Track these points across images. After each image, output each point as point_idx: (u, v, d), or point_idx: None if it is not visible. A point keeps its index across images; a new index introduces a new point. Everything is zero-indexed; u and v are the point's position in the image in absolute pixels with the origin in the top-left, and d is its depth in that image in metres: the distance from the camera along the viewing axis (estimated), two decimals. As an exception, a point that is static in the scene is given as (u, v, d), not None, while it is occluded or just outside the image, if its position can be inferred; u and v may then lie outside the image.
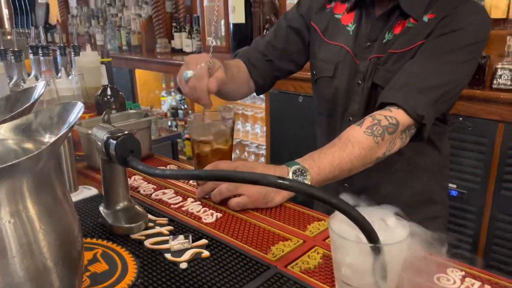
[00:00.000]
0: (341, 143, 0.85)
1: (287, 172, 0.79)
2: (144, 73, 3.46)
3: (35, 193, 0.46)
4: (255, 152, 3.02)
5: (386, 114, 0.86)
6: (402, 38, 0.95)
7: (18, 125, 0.56)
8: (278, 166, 0.81)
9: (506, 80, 1.69)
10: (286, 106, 2.47)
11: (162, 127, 1.92)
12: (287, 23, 1.12)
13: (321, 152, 0.85)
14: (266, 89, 1.17)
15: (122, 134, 0.67)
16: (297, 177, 0.79)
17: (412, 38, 0.93)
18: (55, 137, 0.48)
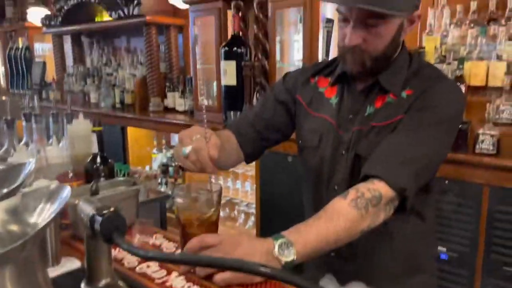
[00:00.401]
0: (327, 216, 0.86)
1: (273, 246, 0.80)
2: (136, 130, 3.50)
3: (17, 282, 0.46)
4: (244, 211, 3.00)
5: (369, 186, 0.88)
6: (382, 112, 0.99)
7: (4, 206, 0.57)
8: (264, 239, 0.82)
9: (488, 145, 1.74)
10: (276, 165, 2.49)
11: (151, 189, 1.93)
12: (274, 96, 1.17)
13: (307, 225, 0.85)
14: (255, 157, 1.20)
15: (108, 211, 0.68)
16: (283, 251, 0.79)
17: (392, 113, 0.98)
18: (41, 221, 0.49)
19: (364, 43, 0.95)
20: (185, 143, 0.89)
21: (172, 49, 3.45)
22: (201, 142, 0.88)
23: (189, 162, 0.88)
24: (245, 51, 2.63)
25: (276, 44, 2.56)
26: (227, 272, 0.78)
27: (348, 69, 1.01)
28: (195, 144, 0.88)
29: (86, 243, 0.74)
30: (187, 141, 0.89)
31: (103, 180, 1.08)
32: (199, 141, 0.88)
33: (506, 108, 1.79)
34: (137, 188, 1.03)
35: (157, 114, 3.32)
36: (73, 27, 4.04)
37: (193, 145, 0.87)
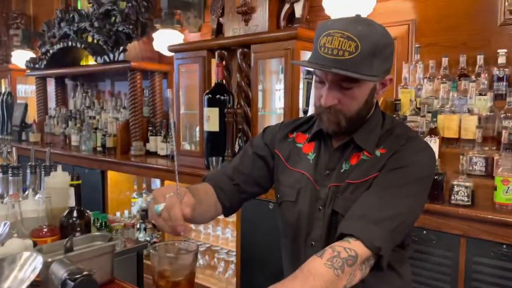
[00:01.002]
0: (303, 276, 0.86)
1: None
2: (116, 174, 3.46)
3: None
4: (224, 259, 2.94)
5: (345, 245, 0.89)
6: (358, 169, 1.02)
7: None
8: None
9: (463, 196, 1.78)
10: (257, 212, 2.48)
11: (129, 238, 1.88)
12: (253, 150, 1.20)
13: (283, 285, 0.85)
14: (233, 211, 1.20)
15: (81, 275, 0.67)
16: None
17: (367, 170, 1.01)
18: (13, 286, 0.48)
19: (339, 104, 0.99)
20: (158, 200, 0.90)
21: (156, 94, 3.50)
22: (173, 200, 0.88)
23: (162, 220, 0.88)
24: (228, 98, 2.69)
25: (258, 92, 2.62)
26: None
27: (324, 127, 1.05)
28: (168, 201, 0.88)
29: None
30: (160, 199, 0.89)
31: (79, 235, 1.06)
32: (172, 198, 0.89)
33: (479, 160, 1.85)
34: (113, 244, 1.01)
35: (139, 158, 3.30)
36: (57, 70, 4.07)
37: (166, 202, 0.87)
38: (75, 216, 1.12)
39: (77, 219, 1.11)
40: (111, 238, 1.04)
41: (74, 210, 1.12)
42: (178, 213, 0.87)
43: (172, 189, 0.91)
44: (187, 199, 0.91)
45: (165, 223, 0.88)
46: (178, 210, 0.87)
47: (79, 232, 1.09)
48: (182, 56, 2.95)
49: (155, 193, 0.93)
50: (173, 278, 0.85)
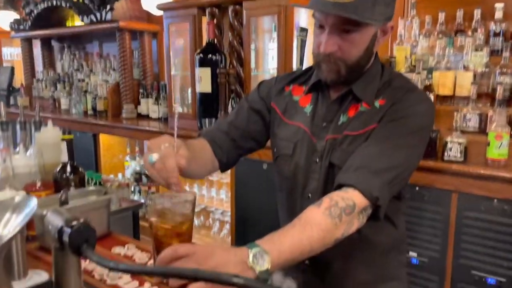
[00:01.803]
0: (301, 225, 0.86)
1: (247, 255, 0.79)
2: (108, 138, 3.43)
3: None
4: (219, 219, 2.98)
5: (343, 195, 0.89)
6: (356, 121, 1.01)
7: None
8: (238, 248, 0.81)
9: (456, 152, 1.79)
10: (251, 172, 2.49)
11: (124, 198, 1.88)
12: (248, 105, 1.18)
13: (281, 234, 0.85)
14: (230, 166, 1.19)
15: (77, 222, 0.66)
16: (257, 261, 0.79)
17: (365, 122, 1.00)
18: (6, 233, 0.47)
19: (339, 51, 0.96)
20: (153, 150, 0.88)
21: (146, 55, 3.42)
22: (169, 150, 0.87)
23: (155, 171, 0.87)
24: (220, 58, 2.63)
25: (251, 52, 2.57)
26: (200, 282, 0.77)
27: (323, 77, 1.03)
28: (163, 152, 0.86)
29: (54, 256, 0.71)
30: (155, 149, 0.88)
31: (73, 190, 1.05)
32: (168, 149, 0.87)
33: (473, 117, 1.85)
34: (109, 198, 1.00)
35: (130, 121, 3.26)
36: (43, 32, 3.94)
37: (161, 153, 0.86)
38: (68, 171, 1.10)
39: (71, 174, 1.10)
40: (106, 192, 1.03)
41: (67, 165, 1.11)
42: (172, 164, 0.85)
43: (168, 139, 0.89)
44: (183, 152, 0.90)
45: (159, 173, 0.86)
46: (173, 160, 0.86)
47: (73, 187, 1.08)
48: (172, 15, 2.86)
49: (150, 143, 0.91)
50: (171, 228, 0.85)
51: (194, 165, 1.04)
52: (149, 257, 0.96)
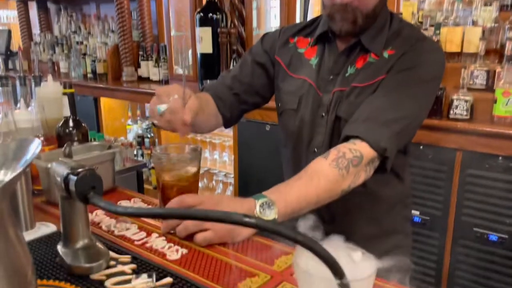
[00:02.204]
0: (307, 176, 0.86)
1: (254, 205, 0.79)
2: (109, 101, 3.40)
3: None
4: (223, 181, 3.00)
5: (350, 147, 0.88)
6: (364, 72, 0.98)
7: (-31, 163, 0.53)
8: (245, 199, 0.81)
9: (462, 110, 1.77)
10: (254, 134, 2.48)
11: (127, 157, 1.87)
12: (252, 58, 1.15)
13: (288, 185, 0.85)
14: (234, 122, 1.18)
15: (83, 169, 0.65)
16: (264, 211, 0.79)
17: (373, 73, 0.97)
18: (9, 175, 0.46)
19: (356, 0, 0.92)
20: (162, 99, 0.86)
21: (145, 16, 3.33)
22: (178, 103, 0.85)
23: (163, 121, 0.85)
24: (221, 17, 2.56)
25: (253, 10, 2.50)
26: (208, 232, 0.78)
27: (336, 28, 0.99)
28: (172, 104, 0.85)
29: (61, 205, 0.71)
30: (165, 99, 0.86)
31: (77, 145, 1.04)
32: (176, 101, 0.85)
33: (480, 74, 1.81)
34: (113, 152, 1.00)
35: (131, 84, 3.22)
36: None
37: (169, 104, 0.84)
38: (71, 126, 1.09)
39: (74, 129, 1.09)
40: (110, 147, 1.02)
41: (69, 119, 1.09)
42: (179, 118, 0.84)
43: (177, 89, 0.87)
44: (192, 103, 0.87)
45: (167, 124, 0.85)
46: (181, 115, 0.84)
47: (77, 143, 1.07)
48: (171, -28, 2.76)
49: (159, 91, 0.89)
50: (177, 180, 0.84)
51: (201, 118, 1.03)
52: (155, 210, 0.96)
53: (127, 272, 0.70)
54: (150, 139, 3.33)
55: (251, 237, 0.83)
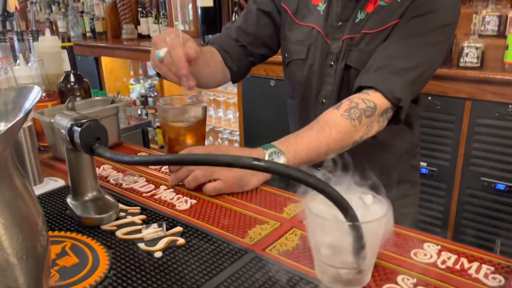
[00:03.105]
0: (319, 126, 0.84)
1: (263, 154, 0.78)
2: (110, 60, 3.35)
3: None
4: (228, 138, 2.99)
5: (363, 97, 0.85)
6: (374, 17, 0.94)
7: (-30, 113, 0.52)
8: (254, 149, 0.80)
9: (472, 58, 1.72)
10: (258, 90, 2.44)
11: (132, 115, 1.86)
12: (257, 7, 1.10)
13: (298, 135, 0.83)
14: (241, 76, 1.14)
15: (87, 120, 0.64)
16: (273, 160, 0.78)
17: (385, 18, 0.92)
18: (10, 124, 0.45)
19: None
20: (159, 46, 0.83)
21: (142, -30, 3.21)
22: (176, 41, 0.81)
23: (164, 66, 0.82)
24: (222, -33, 2.46)
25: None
26: (218, 181, 0.77)
27: None
28: (170, 43, 0.81)
29: (67, 157, 0.70)
30: (161, 43, 0.82)
31: (79, 100, 1.03)
32: (174, 40, 0.81)
33: (492, 19, 1.75)
34: (117, 106, 0.98)
35: (131, 42, 3.16)
36: None
37: (167, 46, 0.81)
38: (72, 80, 1.07)
39: (75, 84, 1.07)
40: (113, 101, 1.00)
41: (70, 74, 1.07)
42: (180, 53, 0.79)
43: (173, 31, 0.83)
44: (191, 44, 0.84)
45: (168, 68, 0.82)
46: (180, 50, 0.79)
47: (79, 98, 1.05)
48: None
49: (154, 39, 0.85)
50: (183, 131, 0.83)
51: (205, 71, 1.00)
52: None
53: (137, 222, 0.70)
54: (153, 98, 3.31)
55: (259, 186, 0.82)
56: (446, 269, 0.57)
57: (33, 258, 0.47)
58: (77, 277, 0.57)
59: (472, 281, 0.54)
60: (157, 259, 0.60)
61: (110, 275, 0.57)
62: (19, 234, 0.45)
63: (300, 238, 0.65)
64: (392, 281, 0.55)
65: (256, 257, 0.60)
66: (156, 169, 0.92)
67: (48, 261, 0.50)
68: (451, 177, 1.86)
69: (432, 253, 0.60)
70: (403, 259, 0.59)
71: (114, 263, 0.60)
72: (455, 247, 0.62)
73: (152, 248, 0.63)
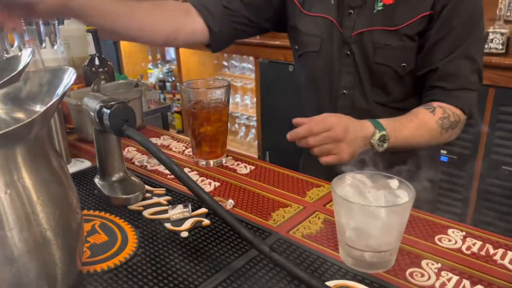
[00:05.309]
0: (418, 123, 0.87)
1: (373, 134, 0.80)
2: (129, 45, 3.37)
3: (30, 163, 0.44)
4: (245, 124, 3.00)
5: (454, 110, 0.89)
6: (400, 10, 0.89)
7: (6, 93, 0.53)
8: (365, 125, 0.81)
9: (497, 44, 1.68)
10: (276, 76, 2.44)
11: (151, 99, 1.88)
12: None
13: (402, 124, 0.85)
14: (223, 42, 1.03)
15: (116, 102, 0.65)
16: (380, 143, 0.81)
17: (411, 10, 0.89)
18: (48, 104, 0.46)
19: None
20: None
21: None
22: None
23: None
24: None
25: None
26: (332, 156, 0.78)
27: None
28: None
29: (95, 139, 0.72)
30: None
31: (104, 83, 1.04)
32: None
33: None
34: (141, 89, 0.99)
35: (150, 27, 3.16)
36: None
37: None
38: (97, 64, 1.08)
39: (100, 67, 1.08)
40: (137, 84, 1.01)
41: (95, 57, 1.08)
42: None
43: None
44: None
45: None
46: None
47: (104, 81, 1.07)
48: None
49: None
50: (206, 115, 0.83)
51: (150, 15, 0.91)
52: (185, 147, 0.97)
53: (163, 203, 0.72)
54: (171, 83, 3.32)
55: (282, 171, 0.83)
56: (471, 254, 0.57)
57: (69, 234, 0.48)
58: (107, 254, 0.59)
59: (497, 267, 0.54)
60: (184, 239, 0.62)
61: (139, 253, 0.59)
62: (56, 211, 0.46)
63: (324, 222, 0.66)
64: (416, 265, 0.55)
65: (280, 238, 0.61)
66: (180, 151, 0.94)
67: (82, 237, 0.52)
68: (471, 165, 1.83)
69: (456, 239, 0.60)
70: (427, 244, 0.59)
71: (142, 242, 0.61)
72: (480, 233, 0.62)
73: (178, 228, 0.64)
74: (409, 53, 0.91)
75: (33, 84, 0.53)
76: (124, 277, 0.54)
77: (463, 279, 0.52)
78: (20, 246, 0.44)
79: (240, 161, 0.90)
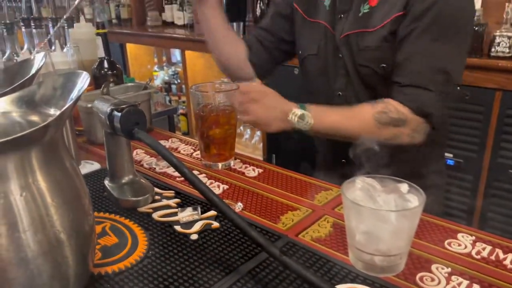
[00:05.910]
0: (350, 113, 0.89)
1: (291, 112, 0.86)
2: (135, 47, 3.38)
3: (45, 166, 0.45)
4: (250, 127, 3.00)
5: (399, 108, 0.87)
6: (378, 11, 0.92)
7: (20, 97, 0.54)
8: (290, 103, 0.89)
9: (504, 47, 1.68)
10: (282, 78, 2.42)
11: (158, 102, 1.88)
12: (275, 9, 1.16)
13: (331, 110, 0.89)
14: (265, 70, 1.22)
15: (127, 105, 0.66)
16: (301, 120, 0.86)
17: (389, 10, 0.91)
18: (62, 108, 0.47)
19: None
20: None
21: (167, -43, 3.21)
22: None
23: None
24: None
25: None
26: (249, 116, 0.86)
27: None
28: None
29: (105, 142, 0.72)
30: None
31: (113, 86, 1.05)
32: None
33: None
34: (149, 92, 1.00)
35: (156, 29, 3.18)
36: None
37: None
38: (106, 67, 1.09)
39: (109, 70, 1.09)
40: (145, 87, 1.02)
41: (104, 60, 1.09)
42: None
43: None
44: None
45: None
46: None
47: (112, 84, 1.07)
48: None
49: None
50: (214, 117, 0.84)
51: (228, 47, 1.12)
52: (194, 149, 0.97)
53: (172, 205, 0.72)
54: (177, 86, 3.34)
55: (291, 174, 0.84)
56: (481, 259, 0.57)
57: (82, 236, 0.49)
58: (118, 256, 0.59)
59: (507, 271, 0.54)
60: (193, 241, 0.62)
61: (149, 255, 0.59)
62: (70, 213, 0.47)
63: (333, 225, 0.66)
64: (426, 269, 0.55)
65: (289, 242, 0.61)
66: (188, 154, 0.94)
67: (94, 239, 0.53)
68: (478, 169, 1.82)
69: (466, 243, 0.60)
70: (437, 248, 0.59)
71: (152, 244, 0.62)
72: (490, 238, 0.61)
73: (188, 230, 0.65)
74: (387, 54, 0.92)
75: (47, 87, 0.53)
76: (135, 279, 0.55)
77: (473, 284, 0.52)
78: (35, 248, 0.44)
79: (248, 164, 0.90)
